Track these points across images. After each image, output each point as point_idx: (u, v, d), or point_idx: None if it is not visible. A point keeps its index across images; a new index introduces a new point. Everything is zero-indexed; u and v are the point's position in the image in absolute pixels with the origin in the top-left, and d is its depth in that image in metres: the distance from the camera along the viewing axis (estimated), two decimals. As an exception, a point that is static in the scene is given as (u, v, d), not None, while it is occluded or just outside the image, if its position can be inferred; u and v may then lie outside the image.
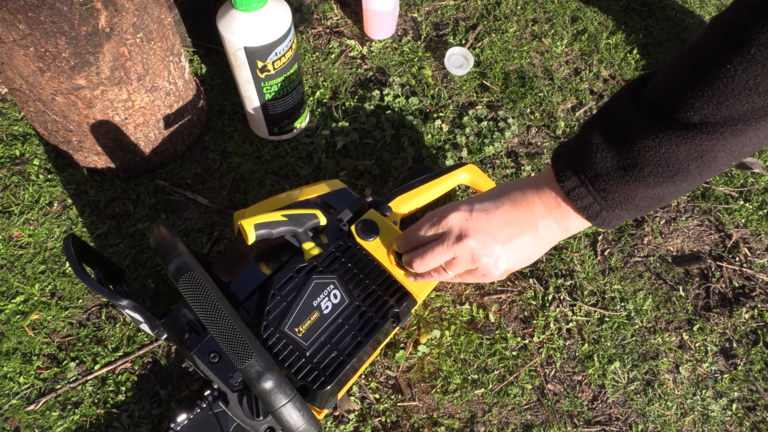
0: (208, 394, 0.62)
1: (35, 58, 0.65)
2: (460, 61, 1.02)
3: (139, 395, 0.73)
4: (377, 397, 0.75)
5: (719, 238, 0.90)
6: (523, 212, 0.54)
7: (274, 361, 0.52)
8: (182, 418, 0.61)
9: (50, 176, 0.88)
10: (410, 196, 0.74)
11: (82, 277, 0.56)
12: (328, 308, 0.62)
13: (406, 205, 0.73)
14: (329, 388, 0.58)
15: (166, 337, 0.62)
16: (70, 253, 0.57)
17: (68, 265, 0.74)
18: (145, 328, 0.62)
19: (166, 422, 0.71)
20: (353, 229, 0.67)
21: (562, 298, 0.82)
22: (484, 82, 1.02)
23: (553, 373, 0.78)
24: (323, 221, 0.65)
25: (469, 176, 0.77)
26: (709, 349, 0.81)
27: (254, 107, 0.85)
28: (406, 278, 0.65)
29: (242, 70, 0.78)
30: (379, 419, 0.73)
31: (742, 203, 0.93)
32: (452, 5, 1.11)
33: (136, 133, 0.81)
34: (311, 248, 0.64)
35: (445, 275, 0.60)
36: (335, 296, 0.62)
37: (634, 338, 0.81)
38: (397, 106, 0.97)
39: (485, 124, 0.96)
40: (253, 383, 0.49)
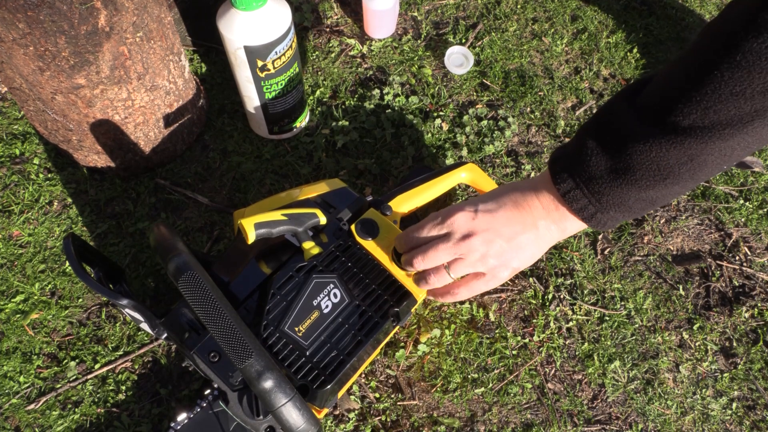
0: (208, 393, 0.62)
1: (35, 57, 0.65)
2: (460, 60, 1.02)
3: (139, 394, 0.73)
4: (377, 396, 0.75)
5: (719, 237, 0.90)
6: (524, 212, 0.55)
7: (274, 360, 0.52)
8: (182, 417, 0.61)
9: (50, 175, 0.88)
10: (410, 195, 0.74)
11: (82, 276, 0.56)
12: (328, 307, 0.62)
13: (406, 204, 0.73)
14: (329, 387, 0.58)
15: (166, 336, 0.62)
16: (70, 252, 0.57)
17: (68, 264, 0.74)
18: (145, 327, 0.62)
19: (166, 421, 0.71)
20: (353, 228, 0.67)
21: (562, 297, 0.82)
22: (484, 81, 1.01)
23: (553, 372, 0.78)
24: (323, 220, 0.65)
25: (469, 175, 0.77)
26: (709, 348, 0.81)
27: (254, 106, 0.85)
28: (406, 277, 0.65)
29: (242, 69, 0.78)
30: (379, 418, 0.73)
31: (742, 202, 0.93)
32: (452, 4, 1.11)
33: (136, 132, 0.81)
34: (311, 247, 0.64)
35: (446, 278, 0.60)
36: (335, 295, 0.62)
37: (634, 337, 0.81)
38: (397, 105, 0.97)
39: (485, 123, 0.96)
40: (253, 382, 0.49)
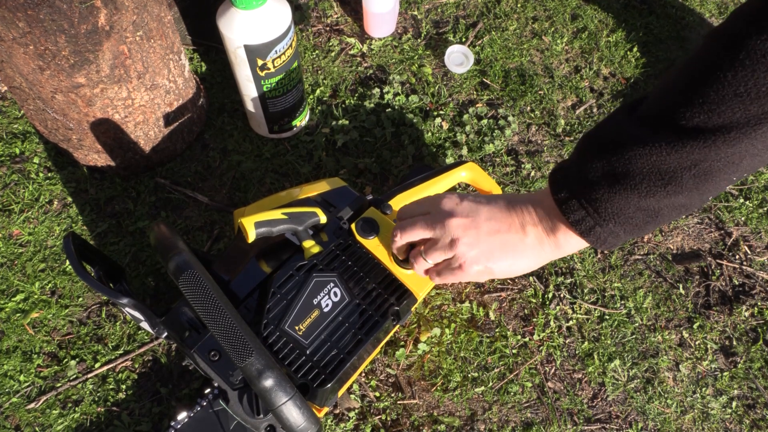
0: (208, 392, 0.62)
1: (35, 56, 0.65)
2: (460, 59, 1.02)
3: (139, 393, 0.73)
4: (377, 395, 0.75)
5: (719, 236, 0.90)
6: (513, 213, 0.54)
7: (274, 359, 0.52)
8: (183, 416, 0.61)
9: (50, 174, 0.88)
10: (410, 194, 0.74)
11: (82, 275, 0.56)
12: (328, 306, 0.62)
13: (406, 203, 0.73)
14: (329, 386, 0.58)
15: (166, 335, 0.62)
16: (70, 251, 0.57)
17: (68, 263, 0.74)
18: (145, 326, 0.62)
19: (166, 420, 0.71)
20: (353, 227, 0.67)
21: (562, 296, 0.83)
22: (484, 80, 1.01)
23: (553, 371, 0.78)
24: (323, 219, 0.65)
25: (469, 174, 0.77)
26: (709, 346, 0.81)
27: (254, 105, 0.85)
28: (406, 276, 0.65)
29: (242, 68, 0.78)
30: (379, 417, 0.73)
31: (742, 201, 0.93)
32: (452, 3, 1.11)
33: (136, 131, 0.81)
34: (311, 246, 0.64)
35: (423, 263, 0.59)
36: (335, 294, 0.62)
37: (634, 336, 0.81)
38: (397, 104, 0.97)
39: (485, 122, 0.96)
40: (253, 381, 0.49)
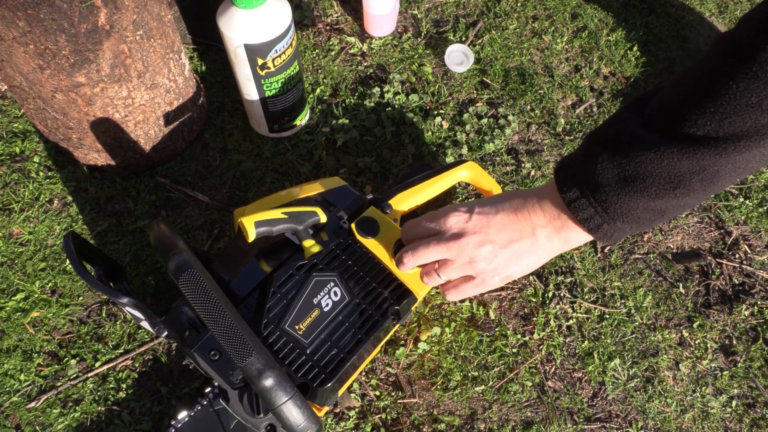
0: (208, 391, 0.62)
1: (35, 55, 0.65)
2: (460, 58, 1.02)
3: (139, 392, 0.73)
4: (377, 394, 0.75)
5: (719, 235, 0.90)
6: (522, 219, 0.54)
7: (274, 358, 0.52)
8: (183, 415, 0.61)
9: (50, 173, 0.88)
10: (410, 193, 0.74)
11: (82, 274, 0.56)
12: (328, 306, 0.62)
13: (406, 202, 0.73)
14: (330, 385, 0.58)
15: (166, 334, 0.62)
16: (70, 250, 0.57)
17: (68, 262, 0.74)
18: (145, 325, 0.62)
19: (166, 419, 0.71)
20: (353, 226, 0.67)
21: (562, 295, 0.83)
22: (484, 79, 1.01)
23: (553, 370, 0.78)
24: (323, 219, 0.65)
25: (469, 173, 0.77)
26: (709, 346, 0.81)
27: (254, 104, 0.84)
28: (406, 276, 0.65)
29: (242, 67, 0.78)
30: (379, 416, 0.73)
31: (742, 200, 0.93)
32: (452, 2, 1.11)
33: (136, 130, 0.81)
34: (311, 246, 0.64)
35: (436, 279, 0.59)
36: (335, 294, 0.62)
37: (634, 335, 0.81)
38: (397, 103, 0.97)
39: (485, 121, 0.96)
40: (253, 381, 0.49)
